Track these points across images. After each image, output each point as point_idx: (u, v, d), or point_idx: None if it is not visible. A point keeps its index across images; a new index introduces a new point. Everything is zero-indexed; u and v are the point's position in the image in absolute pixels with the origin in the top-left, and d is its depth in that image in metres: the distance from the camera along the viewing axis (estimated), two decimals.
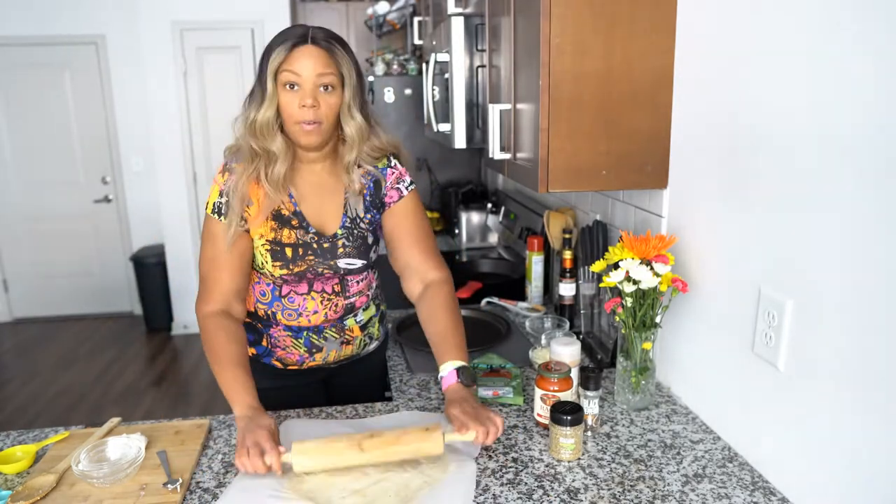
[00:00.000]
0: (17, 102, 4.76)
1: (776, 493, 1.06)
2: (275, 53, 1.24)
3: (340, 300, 1.43)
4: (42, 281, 5.06)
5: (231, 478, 1.14)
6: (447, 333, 1.34)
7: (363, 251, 1.41)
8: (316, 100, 1.25)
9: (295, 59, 1.24)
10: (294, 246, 1.35)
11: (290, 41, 1.24)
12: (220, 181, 1.33)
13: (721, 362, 1.24)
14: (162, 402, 3.71)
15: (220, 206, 1.32)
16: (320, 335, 1.44)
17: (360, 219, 1.40)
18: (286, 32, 1.28)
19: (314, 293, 1.40)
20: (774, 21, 1.03)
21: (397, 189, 1.42)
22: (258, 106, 1.27)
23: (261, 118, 1.26)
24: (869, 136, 0.85)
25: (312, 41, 1.25)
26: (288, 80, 1.24)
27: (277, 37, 1.28)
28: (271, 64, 1.24)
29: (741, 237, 1.15)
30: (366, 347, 1.54)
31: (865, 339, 0.88)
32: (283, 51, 1.24)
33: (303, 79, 1.24)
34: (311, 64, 1.24)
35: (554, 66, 1.26)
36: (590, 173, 1.33)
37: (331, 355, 1.47)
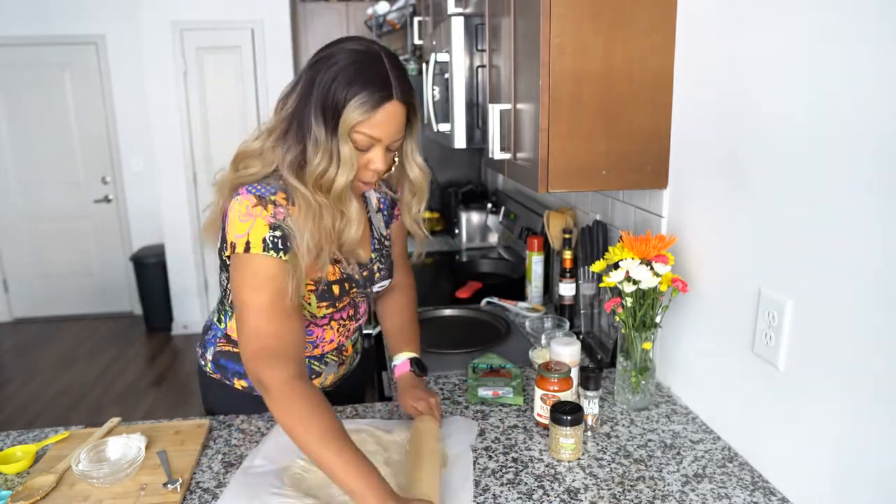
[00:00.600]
0: (17, 102, 4.76)
1: (776, 493, 1.06)
2: (352, 106, 1.03)
3: (353, 324, 1.37)
4: (42, 281, 5.06)
5: (231, 477, 1.14)
6: (404, 328, 1.42)
7: (391, 269, 1.37)
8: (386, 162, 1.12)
9: (377, 122, 1.05)
10: (340, 282, 1.23)
11: (373, 95, 1.03)
12: (264, 213, 1.08)
13: (721, 362, 1.24)
14: (162, 402, 3.71)
15: (275, 241, 1.07)
16: (321, 360, 1.35)
17: (385, 237, 1.35)
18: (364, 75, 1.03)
19: (333, 322, 1.31)
20: (774, 21, 1.03)
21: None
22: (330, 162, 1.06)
23: (340, 184, 1.07)
24: (869, 136, 0.85)
25: (397, 95, 1.06)
26: (362, 144, 1.08)
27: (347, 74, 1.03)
28: (347, 118, 1.03)
29: (741, 237, 1.15)
30: (353, 363, 1.47)
31: (865, 339, 0.88)
32: (365, 108, 1.03)
33: (385, 140, 1.09)
34: (393, 128, 1.08)
35: (554, 66, 1.26)
36: (590, 173, 1.32)
37: (328, 379, 1.38)
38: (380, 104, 1.04)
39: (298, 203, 1.09)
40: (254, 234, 1.07)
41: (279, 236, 1.07)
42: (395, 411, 1.37)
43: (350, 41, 1.10)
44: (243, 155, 1.15)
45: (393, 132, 1.09)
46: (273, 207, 1.09)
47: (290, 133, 1.09)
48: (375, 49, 1.08)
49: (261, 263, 1.07)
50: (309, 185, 1.08)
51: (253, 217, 1.07)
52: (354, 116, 1.04)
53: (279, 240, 1.08)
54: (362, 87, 1.03)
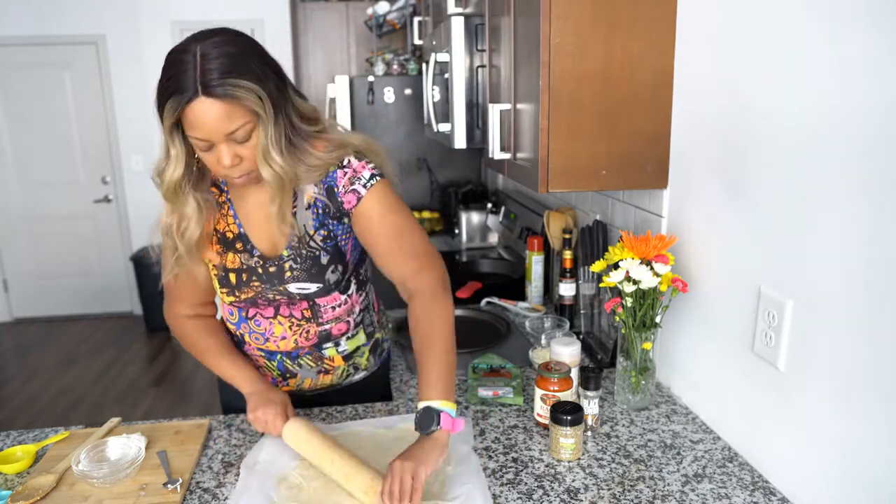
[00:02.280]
0: (17, 102, 4.76)
1: (776, 493, 1.06)
2: (166, 110, 1.03)
3: (312, 327, 1.29)
4: (42, 281, 5.06)
5: (231, 477, 1.14)
6: (418, 366, 1.13)
7: (315, 274, 1.22)
8: (235, 156, 1.07)
9: (192, 122, 1.02)
10: (238, 271, 1.24)
11: (178, 96, 1.00)
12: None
13: (721, 362, 1.24)
14: (162, 402, 3.71)
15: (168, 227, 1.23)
16: (294, 361, 1.33)
17: (311, 236, 1.21)
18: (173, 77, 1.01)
19: (281, 317, 1.28)
20: (774, 21, 1.03)
21: (353, 191, 1.18)
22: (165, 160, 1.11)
23: (168, 180, 1.12)
24: (869, 136, 0.85)
25: (204, 91, 0.99)
26: (196, 145, 1.07)
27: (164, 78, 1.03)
28: (165, 121, 1.04)
29: (741, 237, 1.15)
30: (348, 378, 1.39)
31: (865, 339, 0.88)
32: (172, 109, 1.02)
33: (211, 138, 1.04)
34: (212, 124, 1.02)
35: (554, 66, 1.26)
36: (590, 173, 1.32)
37: (305, 383, 1.36)
38: (186, 104, 1.01)
39: None
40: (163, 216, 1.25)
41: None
42: (396, 411, 1.37)
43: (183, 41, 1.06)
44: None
45: (214, 129, 1.02)
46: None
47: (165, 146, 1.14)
48: (192, 47, 1.02)
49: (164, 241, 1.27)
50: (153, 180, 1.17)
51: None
52: (168, 120, 1.04)
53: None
54: (171, 90, 1.01)
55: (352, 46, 4.72)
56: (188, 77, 1.00)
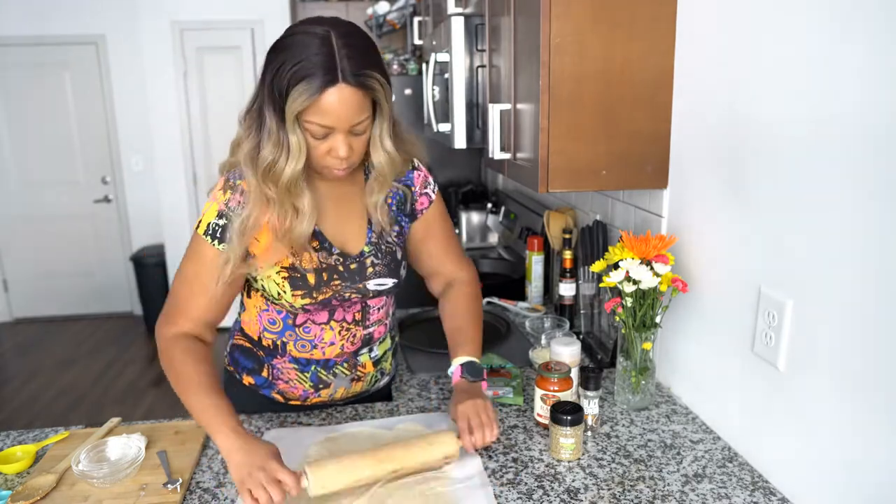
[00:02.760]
0: (17, 102, 4.76)
1: (776, 493, 1.06)
2: (295, 93, 0.99)
3: (359, 330, 1.29)
4: (42, 281, 5.06)
5: (231, 477, 1.14)
6: (460, 330, 1.30)
7: (394, 269, 1.26)
8: (350, 147, 1.06)
9: (323, 108, 1.00)
10: (317, 271, 1.18)
11: (314, 80, 0.98)
12: (221, 199, 1.13)
13: (721, 362, 1.24)
14: (162, 402, 3.71)
15: (216, 229, 1.13)
16: (329, 370, 1.30)
17: (388, 232, 1.25)
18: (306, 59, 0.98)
19: (334, 322, 1.25)
20: (774, 21, 1.03)
21: (426, 194, 1.30)
22: (279, 151, 1.04)
23: (289, 174, 1.05)
24: (869, 136, 0.85)
25: (344, 78, 0.99)
26: (316, 133, 1.04)
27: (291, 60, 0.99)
28: (291, 105, 1.00)
29: (741, 237, 1.15)
30: (376, 384, 1.39)
31: (865, 339, 0.88)
32: (307, 94, 0.98)
33: (337, 126, 1.03)
34: (344, 112, 1.01)
35: (554, 66, 1.26)
36: (590, 173, 1.32)
37: (338, 392, 1.33)
38: (323, 89, 0.98)
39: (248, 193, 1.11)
40: (206, 215, 1.15)
41: (221, 225, 1.13)
42: (396, 411, 1.37)
43: (304, 24, 1.04)
44: (235, 141, 1.16)
45: (346, 117, 1.02)
46: (231, 193, 1.13)
47: (252, 121, 1.08)
48: (324, 31, 1.01)
49: (198, 242, 1.15)
50: (258, 175, 1.07)
51: (213, 200, 1.14)
52: (297, 105, 1.00)
53: (220, 228, 1.13)
54: (304, 73, 0.98)
55: None
56: (324, 61, 0.98)
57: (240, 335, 1.34)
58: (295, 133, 1.03)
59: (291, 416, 1.34)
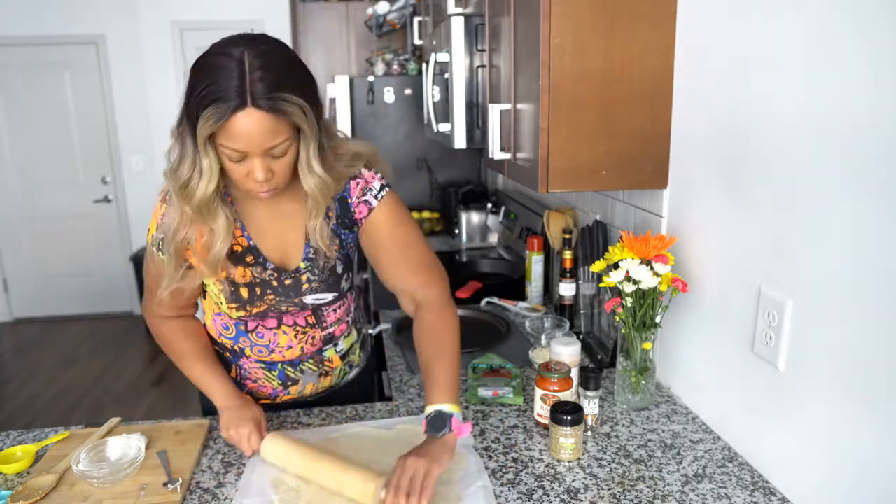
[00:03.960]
0: (17, 102, 4.76)
1: (776, 493, 1.06)
2: (204, 116, 0.95)
3: (317, 332, 1.29)
4: (42, 281, 5.06)
5: (231, 477, 1.14)
6: (425, 370, 1.16)
7: (332, 283, 1.24)
8: (269, 170, 1.03)
9: (234, 133, 0.96)
10: (250, 285, 1.19)
11: (222, 104, 0.94)
12: (159, 213, 1.16)
13: (721, 362, 1.24)
14: (162, 402, 3.71)
15: (158, 241, 1.16)
16: (296, 368, 1.32)
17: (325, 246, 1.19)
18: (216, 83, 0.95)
19: (285, 327, 1.26)
20: (774, 21, 1.03)
21: (365, 202, 1.20)
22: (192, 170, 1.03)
23: (200, 194, 1.04)
24: (869, 136, 0.85)
25: (253, 102, 0.95)
26: (231, 157, 1.01)
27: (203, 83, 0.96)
28: (201, 128, 0.97)
29: (741, 237, 1.15)
30: (345, 377, 1.40)
31: (865, 339, 0.88)
32: (215, 118, 0.95)
33: (250, 151, 0.99)
34: (255, 137, 0.97)
35: (554, 66, 1.26)
36: (590, 173, 1.32)
37: (307, 388, 1.35)
38: (232, 113, 0.95)
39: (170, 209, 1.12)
40: (151, 228, 1.21)
41: (160, 238, 1.16)
42: (396, 411, 1.37)
43: (223, 43, 1.00)
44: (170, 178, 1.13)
45: (257, 142, 0.98)
46: (167, 207, 1.14)
47: (177, 137, 1.06)
48: (239, 53, 0.96)
49: (150, 253, 1.22)
50: (176, 191, 1.06)
51: (154, 213, 1.20)
52: (207, 128, 0.97)
53: (160, 241, 1.17)
54: (213, 96, 0.95)
55: (352, 46, 4.71)
56: (234, 85, 0.94)
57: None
58: (207, 156, 1.01)
59: (291, 415, 1.34)
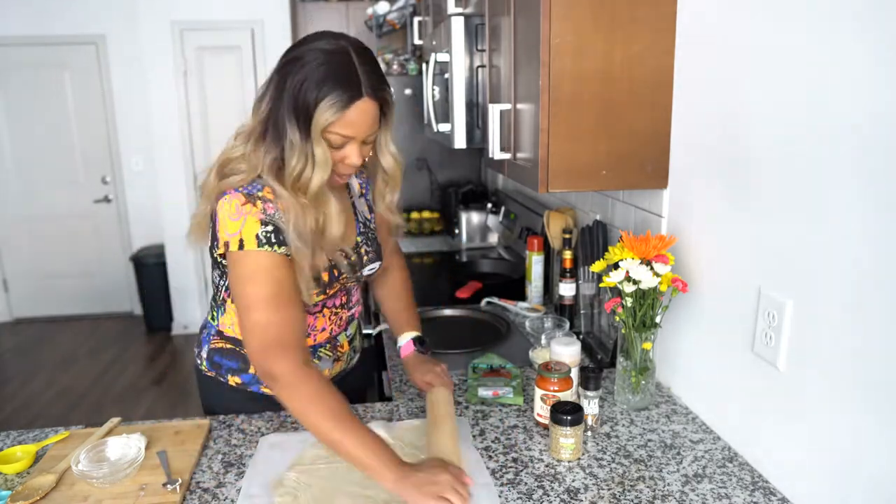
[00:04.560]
0: (17, 102, 4.75)
1: (776, 493, 1.06)
2: (324, 106, 1.03)
3: (345, 312, 1.37)
4: (42, 281, 5.06)
5: (231, 477, 1.14)
6: (403, 310, 1.47)
7: (378, 251, 1.37)
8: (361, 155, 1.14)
9: (349, 121, 1.06)
10: (328, 269, 1.23)
11: (342, 95, 1.04)
12: (254, 211, 1.11)
13: (721, 362, 1.24)
14: (162, 402, 3.71)
15: (268, 236, 1.11)
16: (315, 355, 1.34)
17: (369, 220, 1.37)
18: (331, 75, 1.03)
19: (326, 309, 1.31)
20: (774, 21, 1.03)
21: None
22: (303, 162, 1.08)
23: (316, 184, 1.09)
24: (868, 136, 0.85)
25: (367, 92, 1.06)
26: (336, 142, 1.09)
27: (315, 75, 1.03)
28: (318, 118, 1.04)
29: (741, 237, 1.15)
30: (351, 362, 1.46)
31: (865, 339, 0.88)
32: (335, 109, 1.04)
33: (358, 136, 1.10)
34: (365, 125, 1.09)
35: (554, 66, 1.26)
36: (590, 173, 1.32)
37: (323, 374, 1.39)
38: (350, 104, 1.05)
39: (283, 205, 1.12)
40: (246, 231, 1.11)
41: (271, 231, 1.11)
42: (396, 411, 1.37)
43: (319, 39, 1.09)
44: (227, 161, 1.16)
45: (366, 129, 1.11)
46: (262, 203, 1.12)
47: (268, 136, 1.11)
48: (343, 46, 1.08)
49: (257, 258, 1.11)
50: (288, 186, 1.11)
51: (243, 215, 1.11)
52: (325, 118, 1.05)
53: (272, 234, 1.11)
54: (331, 88, 1.04)
55: None
56: (350, 75, 1.05)
57: (217, 339, 1.33)
58: (320, 145, 1.08)
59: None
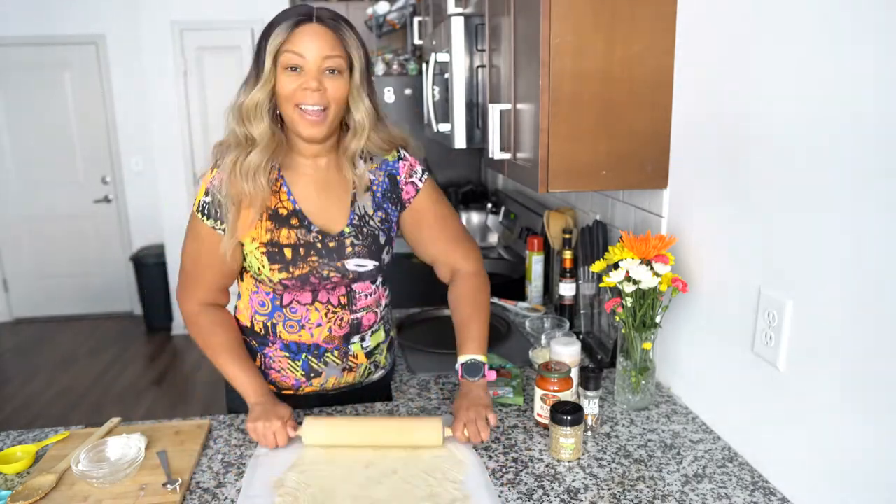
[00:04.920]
0: (17, 102, 4.76)
1: (776, 493, 1.06)
2: (275, 32, 1.15)
3: (346, 314, 1.32)
4: (42, 281, 5.06)
5: (231, 477, 1.14)
6: (462, 326, 1.37)
7: (374, 251, 1.31)
8: (321, 83, 1.17)
9: (298, 39, 1.15)
10: (294, 246, 1.25)
11: (292, 19, 1.16)
12: (208, 178, 1.24)
13: (721, 362, 1.24)
14: (162, 402, 3.71)
15: (205, 206, 1.23)
16: (320, 359, 1.33)
17: (370, 216, 1.31)
18: (288, 11, 1.19)
19: (318, 304, 1.30)
20: (774, 21, 1.03)
21: (412, 183, 1.35)
22: (254, 84, 1.18)
23: (249, 99, 1.18)
24: (868, 136, 0.85)
25: (318, 20, 1.16)
26: (290, 62, 1.16)
27: (279, 15, 1.19)
28: (271, 43, 1.15)
29: (741, 237, 1.15)
30: (370, 376, 1.42)
31: (865, 339, 0.88)
32: (284, 29, 1.15)
33: (307, 61, 1.15)
34: (316, 44, 1.15)
35: (554, 66, 1.26)
36: (590, 173, 1.32)
37: (329, 381, 1.36)
38: (298, 24, 1.15)
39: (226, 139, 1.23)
40: (197, 195, 1.26)
41: (208, 202, 1.23)
42: (396, 411, 1.37)
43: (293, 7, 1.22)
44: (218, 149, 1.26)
45: (316, 50, 1.15)
46: (216, 171, 1.23)
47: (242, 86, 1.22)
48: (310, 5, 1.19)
49: (192, 221, 1.27)
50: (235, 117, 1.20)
51: (202, 181, 1.25)
52: (277, 36, 1.15)
53: (207, 205, 1.23)
54: (286, 15, 1.17)
55: None
56: (303, 10, 1.17)
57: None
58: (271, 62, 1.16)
59: (294, 413, 1.34)
